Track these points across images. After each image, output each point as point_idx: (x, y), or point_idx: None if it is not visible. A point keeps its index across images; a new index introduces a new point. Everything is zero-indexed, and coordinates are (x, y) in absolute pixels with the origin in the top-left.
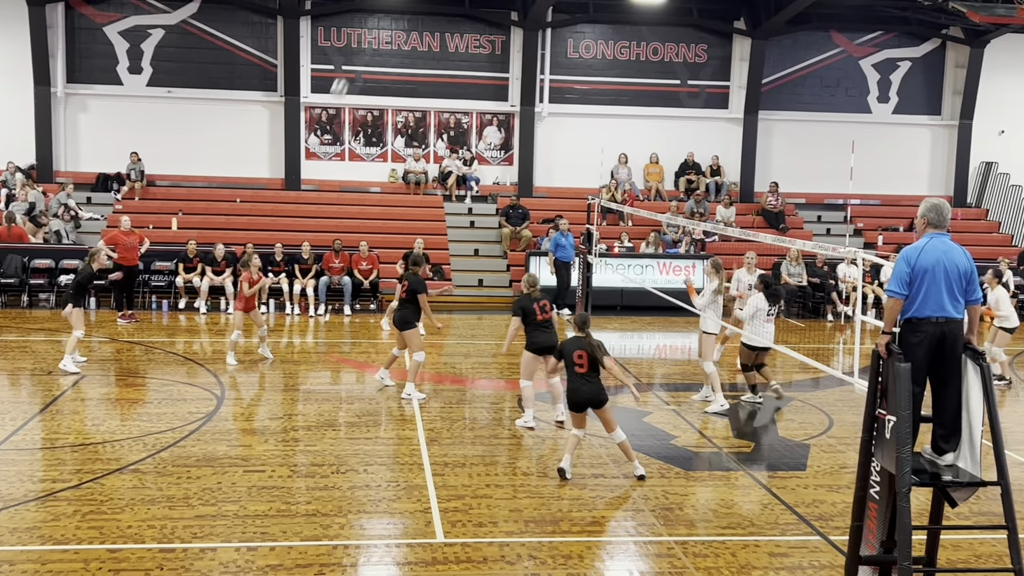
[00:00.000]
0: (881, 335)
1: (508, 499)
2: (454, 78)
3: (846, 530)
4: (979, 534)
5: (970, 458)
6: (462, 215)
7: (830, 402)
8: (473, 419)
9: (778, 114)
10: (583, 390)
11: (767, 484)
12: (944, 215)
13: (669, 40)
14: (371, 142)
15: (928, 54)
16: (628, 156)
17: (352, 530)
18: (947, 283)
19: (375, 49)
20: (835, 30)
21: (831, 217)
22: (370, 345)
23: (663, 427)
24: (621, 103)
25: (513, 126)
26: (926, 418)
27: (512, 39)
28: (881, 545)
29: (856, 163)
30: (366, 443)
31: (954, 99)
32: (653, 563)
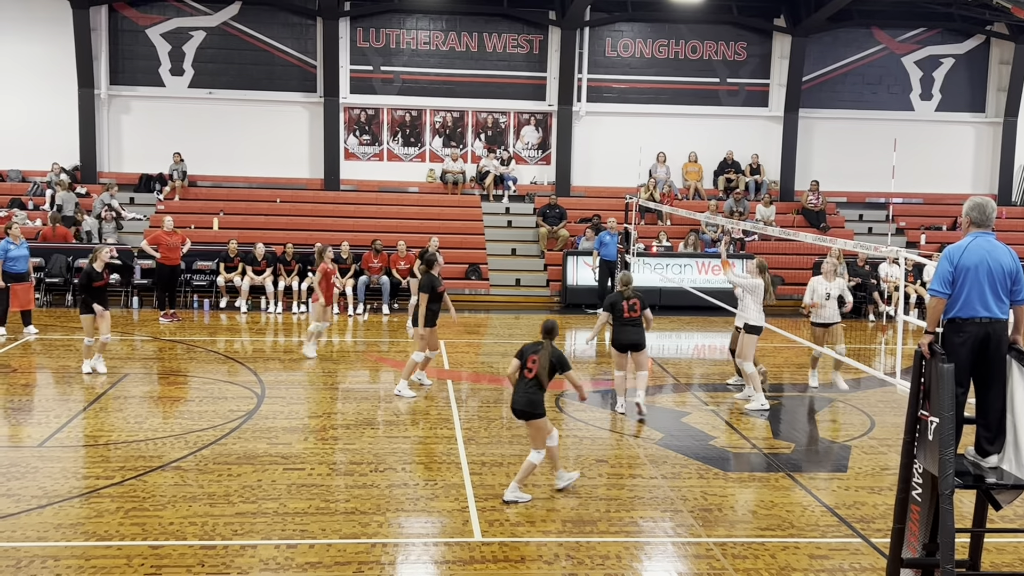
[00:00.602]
0: (924, 335)
1: (545, 499)
2: (492, 78)
3: (887, 532)
4: None
5: (1015, 460)
6: (499, 215)
7: (872, 403)
8: (510, 419)
9: (819, 112)
10: (520, 398)
11: (807, 485)
12: (988, 214)
13: (708, 38)
14: (409, 142)
15: (972, 51)
16: (666, 155)
17: (390, 528)
18: (991, 283)
19: (413, 49)
20: (876, 27)
21: (873, 216)
22: (408, 344)
23: (701, 427)
24: (659, 102)
25: (551, 125)
26: (970, 420)
27: (550, 38)
28: (923, 548)
29: (898, 161)
30: (404, 442)
31: (999, 96)
32: (692, 564)
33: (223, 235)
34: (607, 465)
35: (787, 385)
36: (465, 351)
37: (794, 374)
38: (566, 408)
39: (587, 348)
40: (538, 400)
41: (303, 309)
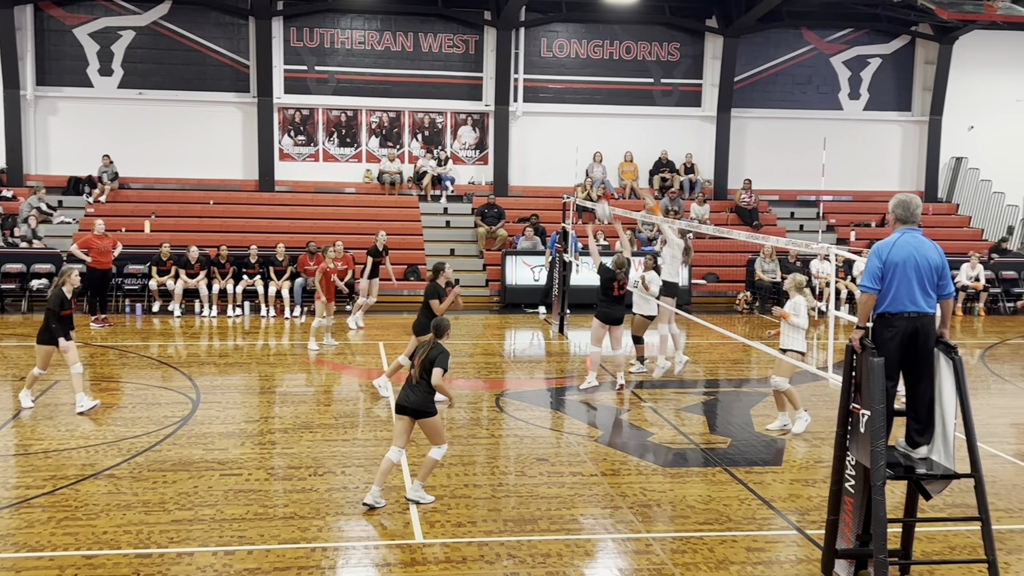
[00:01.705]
0: (855, 330)
1: (487, 499)
2: (428, 78)
3: (822, 524)
4: (953, 526)
5: (944, 451)
6: (437, 215)
7: (805, 397)
8: (451, 419)
9: (751, 112)
10: (410, 397)
11: (744, 479)
12: (913, 211)
13: (642, 39)
14: (345, 143)
15: (898, 51)
16: (603, 154)
17: (330, 532)
18: (919, 278)
19: (348, 49)
20: (806, 28)
21: (804, 214)
22: (346, 346)
23: (640, 424)
24: (595, 102)
25: (488, 125)
26: (900, 412)
27: (486, 39)
28: (857, 538)
29: (828, 160)
30: (343, 445)
31: (924, 95)
32: (632, 560)
33: (155, 238)
34: (548, 463)
35: (723, 381)
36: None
37: (729, 370)
38: (507, 408)
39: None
40: (428, 398)
41: (238, 312)
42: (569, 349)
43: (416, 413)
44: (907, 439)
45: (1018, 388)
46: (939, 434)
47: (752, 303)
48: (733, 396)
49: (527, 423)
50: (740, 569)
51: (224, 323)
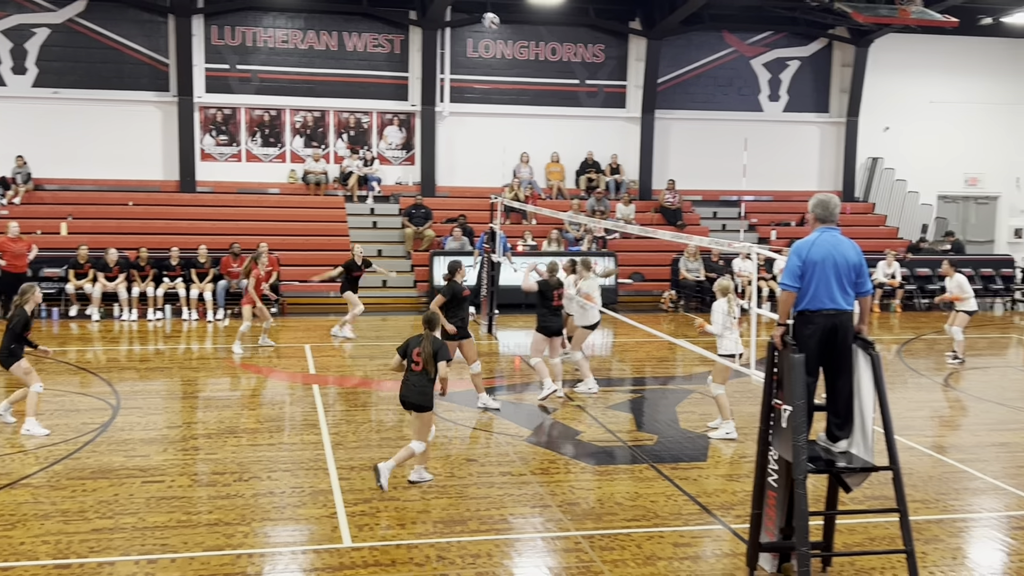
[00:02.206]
0: (776, 327)
1: (416, 500)
2: (353, 77)
3: (747, 518)
4: (873, 518)
5: (863, 445)
6: (364, 215)
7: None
8: (380, 421)
9: (674, 113)
10: (411, 391)
11: (670, 475)
12: (832, 210)
13: (567, 40)
14: (269, 142)
15: (816, 54)
16: (530, 155)
17: (256, 538)
18: (837, 276)
19: (271, 48)
20: (727, 30)
21: (726, 213)
22: (271, 349)
23: (568, 423)
24: (521, 103)
25: (414, 126)
26: (820, 407)
27: (411, 38)
28: (780, 532)
29: (749, 160)
30: (269, 449)
31: (841, 97)
32: (561, 558)
33: (72, 240)
34: (477, 464)
35: (649, 378)
36: (331, 354)
37: (655, 367)
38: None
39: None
40: (429, 392)
41: (159, 316)
42: (498, 349)
43: (415, 407)
44: (827, 433)
45: (933, 382)
46: (858, 428)
47: (677, 302)
48: (659, 393)
49: (456, 424)
50: (667, 564)
51: (144, 327)
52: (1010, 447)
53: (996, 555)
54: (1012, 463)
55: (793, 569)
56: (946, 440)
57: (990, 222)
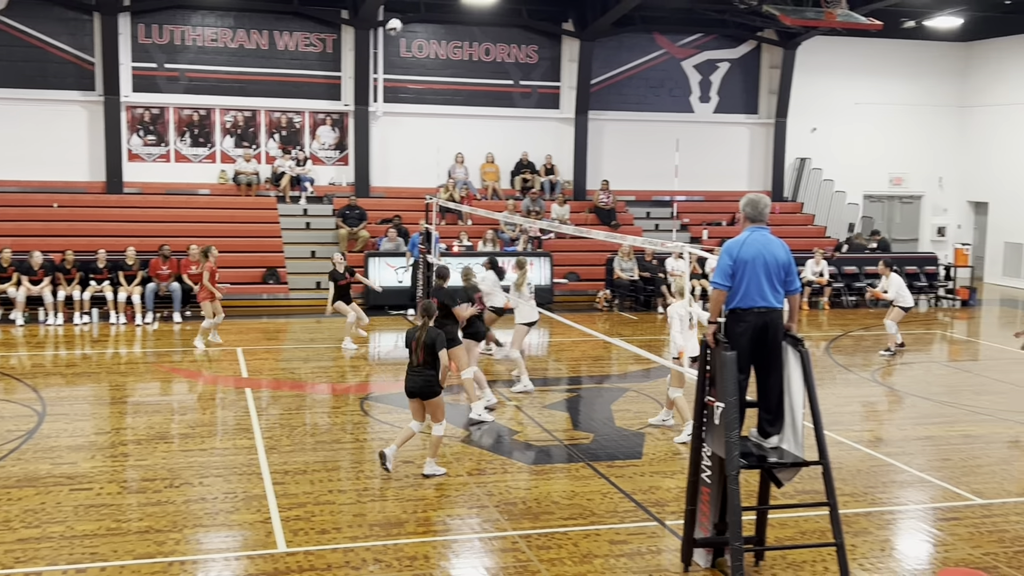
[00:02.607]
0: (708, 325)
1: (352, 504)
2: (285, 77)
3: (681, 514)
4: (804, 512)
5: (793, 440)
6: (297, 216)
7: (662, 391)
8: (314, 425)
9: (607, 114)
10: (416, 380)
11: (606, 473)
12: (762, 210)
13: (500, 41)
14: (198, 142)
15: (745, 56)
16: (464, 156)
17: (188, 545)
18: (767, 275)
19: (200, 47)
20: (658, 32)
21: (659, 213)
22: (202, 353)
23: (505, 423)
24: (456, 103)
25: (347, 126)
26: (752, 403)
27: (343, 38)
28: (714, 527)
29: (681, 161)
30: (201, 455)
31: (770, 98)
32: (498, 558)
33: None
34: (414, 466)
35: (585, 377)
36: (264, 358)
37: (591, 366)
38: (372, 411)
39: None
40: (433, 380)
41: (86, 320)
42: None
43: (424, 395)
44: (759, 429)
45: (860, 377)
46: (788, 424)
47: (612, 301)
48: (595, 392)
49: (393, 426)
50: (604, 562)
51: (71, 331)
52: (935, 440)
53: (923, 546)
54: (937, 456)
55: (727, 564)
56: (874, 434)
57: (914, 221)
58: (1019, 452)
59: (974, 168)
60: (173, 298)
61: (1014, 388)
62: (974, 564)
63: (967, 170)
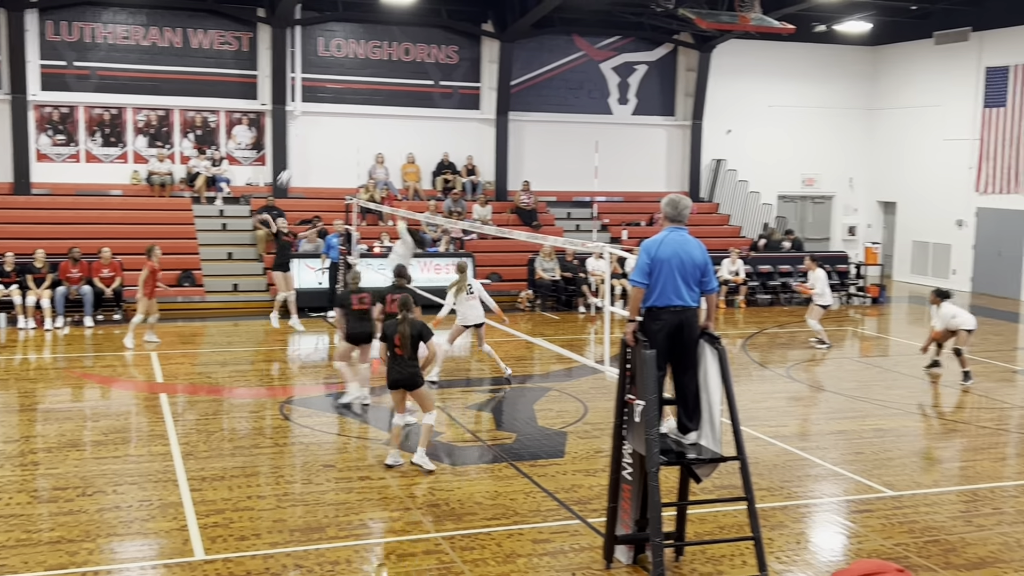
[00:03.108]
0: (626, 323)
1: (272, 509)
2: (199, 75)
3: (603, 512)
4: (722, 507)
5: (711, 436)
6: (213, 217)
7: (584, 390)
8: (232, 430)
9: (528, 115)
10: (402, 372)
11: (529, 473)
12: (681, 210)
13: (420, 41)
14: (110, 142)
15: (662, 58)
16: (385, 156)
17: (102, 555)
18: (683, 274)
19: (111, 44)
20: (577, 34)
21: (580, 214)
22: (115, 358)
23: None
24: (376, 103)
25: (264, 125)
26: (670, 400)
27: (260, 36)
28: (635, 524)
29: (600, 162)
30: (115, 462)
31: (686, 101)
32: (421, 561)
33: None
34: (335, 469)
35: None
36: (180, 362)
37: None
38: (291, 415)
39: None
40: (416, 370)
41: None
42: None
43: (409, 385)
44: (678, 426)
45: (775, 374)
46: (706, 420)
47: (534, 301)
48: (518, 392)
49: (313, 430)
50: (527, 561)
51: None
52: (847, 434)
53: (837, 538)
54: (850, 450)
55: (648, 560)
56: (789, 429)
57: (826, 220)
58: (928, 445)
59: (883, 169)
60: (84, 302)
61: (923, 382)
62: (886, 555)
63: (876, 171)
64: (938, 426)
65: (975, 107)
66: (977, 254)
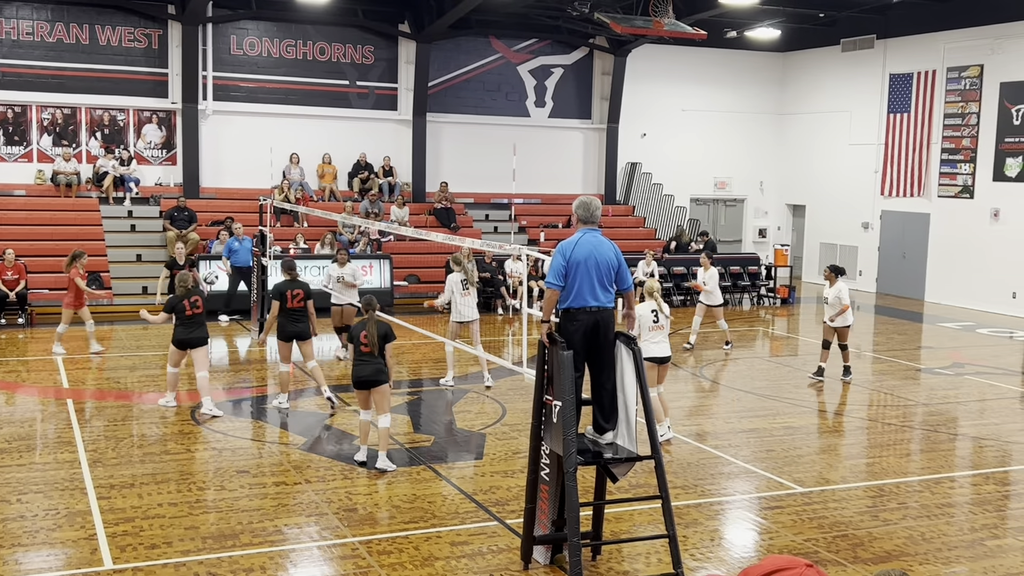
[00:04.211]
0: (541, 324)
1: (183, 516)
2: (107, 73)
3: (521, 513)
4: (638, 505)
5: (627, 435)
6: (121, 218)
7: (503, 391)
8: (142, 436)
9: (445, 116)
10: (368, 369)
11: (447, 475)
12: (592, 211)
13: (336, 40)
14: (13, 141)
15: (578, 62)
16: (300, 156)
17: (7, 567)
18: (598, 275)
19: (14, 40)
20: (494, 36)
21: (498, 216)
22: (20, 363)
23: (344, 428)
24: (290, 102)
25: (175, 124)
26: (587, 401)
27: (170, 33)
28: (553, 524)
29: (518, 164)
30: (18, 470)
31: (602, 104)
32: (338, 566)
33: None
34: (249, 475)
35: (426, 380)
36: (88, 366)
37: (432, 369)
38: (203, 421)
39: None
40: (382, 368)
41: None
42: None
43: (372, 383)
44: (594, 426)
45: (688, 373)
46: (622, 420)
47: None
48: (436, 394)
49: (226, 435)
50: (445, 564)
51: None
52: (759, 432)
53: (749, 534)
54: (761, 447)
55: (565, 559)
56: (702, 428)
57: (738, 223)
58: (836, 442)
59: (792, 172)
60: None
61: (830, 381)
62: (796, 550)
63: (786, 174)
64: (845, 423)
65: (880, 112)
66: (882, 256)
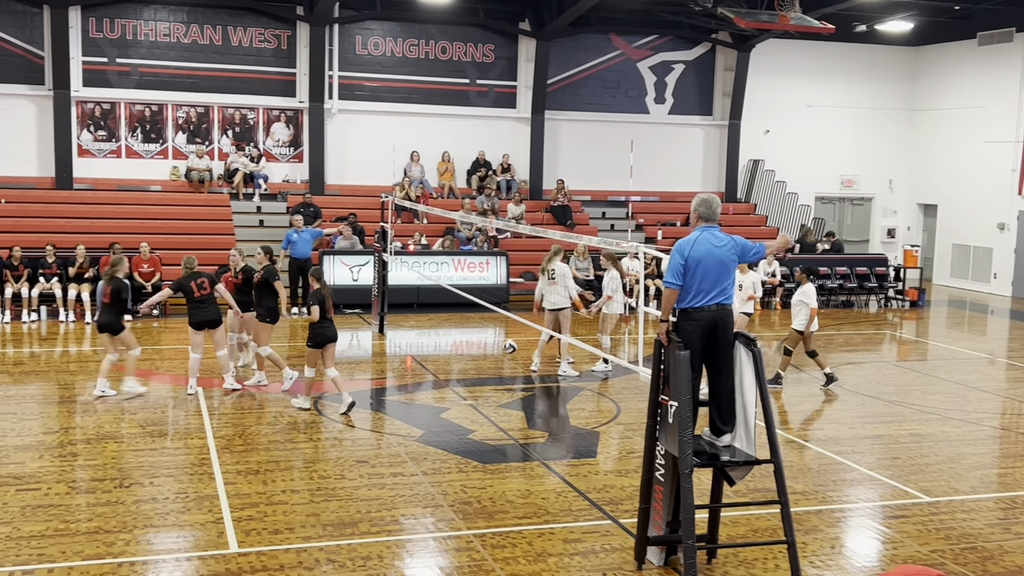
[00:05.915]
0: (659, 324)
1: (305, 504)
2: (238, 72)
3: (635, 513)
4: (755, 510)
5: (745, 439)
6: (251, 214)
7: (618, 390)
8: (268, 424)
9: (563, 114)
10: (333, 329)
11: (560, 472)
12: (714, 209)
13: (457, 39)
14: (150, 138)
15: (700, 57)
16: (420, 154)
17: (139, 546)
18: (717, 272)
19: (152, 41)
20: (614, 33)
21: (614, 213)
22: (154, 351)
23: (460, 422)
24: (412, 101)
25: (302, 122)
26: (704, 402)
27: (299, 34)
28: (667, 525)
29: (635, 161)
30: (152, 454)
31: (724, 100)
32: (453, 558)
33: None
34: (368, 465)
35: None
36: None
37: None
38: (325, 410)
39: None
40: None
41: (34, 317)
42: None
43: (335, 339)
44: (712, 428)
45: (811, 376)
46: (740, 422)
47: None
48: (551, 391)
49: (347, 425)
50: (558, 560)
51: (19, 329)
52: (884, 439)
53: (872, 544)
54: (886, 454)
55: (679, 562)
56: (824, 433)
57: (865, 222)
58: (966, 451)
59: (923, 171)
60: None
61: (961, 387)
62: (922, 561)
63: (916, 173)
64: (976, 432)
65: (1018, 109)
66: (1019, 258)
